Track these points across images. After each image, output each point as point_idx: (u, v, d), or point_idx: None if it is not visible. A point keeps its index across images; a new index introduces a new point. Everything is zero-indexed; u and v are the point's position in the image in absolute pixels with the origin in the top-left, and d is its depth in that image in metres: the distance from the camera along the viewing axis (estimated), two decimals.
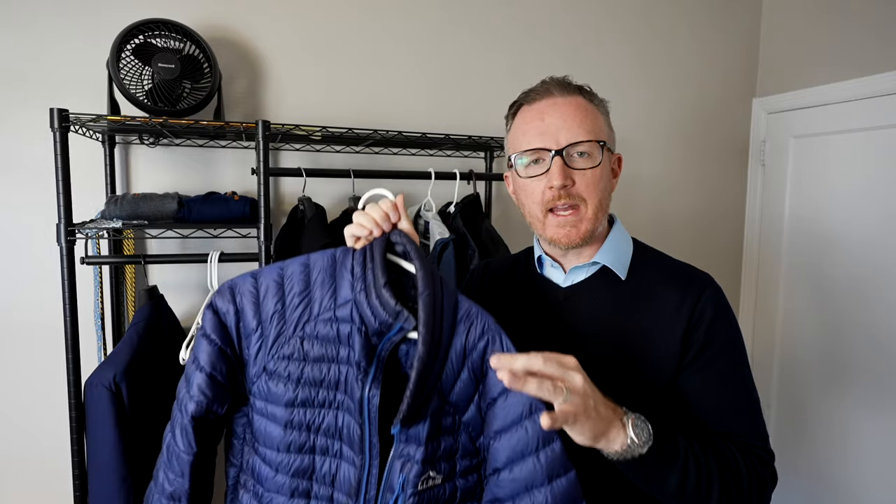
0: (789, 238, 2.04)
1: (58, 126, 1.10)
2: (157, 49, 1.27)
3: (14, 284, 1.40)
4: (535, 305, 0.92)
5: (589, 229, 0.84)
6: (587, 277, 0.89)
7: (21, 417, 1.43)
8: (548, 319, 0.89)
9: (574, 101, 0.85)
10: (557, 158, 0.82)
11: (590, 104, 0.86)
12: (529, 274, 0.95)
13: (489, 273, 1.04)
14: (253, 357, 0.78)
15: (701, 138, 2.10)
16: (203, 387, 0.76)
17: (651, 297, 0.85)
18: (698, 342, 0.82)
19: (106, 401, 1.07)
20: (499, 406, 0.74)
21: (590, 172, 0.83)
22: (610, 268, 0.87)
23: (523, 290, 0.95)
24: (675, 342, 0.82)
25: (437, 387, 0.74)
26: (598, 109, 0.87)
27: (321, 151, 1.62)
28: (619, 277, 0.87)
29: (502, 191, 1.81)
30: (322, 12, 1.58)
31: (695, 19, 2.03)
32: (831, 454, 1.89)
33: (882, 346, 1.73)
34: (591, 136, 0.83)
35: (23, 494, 1.44)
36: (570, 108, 0.84)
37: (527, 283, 0.95)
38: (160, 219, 1.28)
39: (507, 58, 1.79)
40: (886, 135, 1.71)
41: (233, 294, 0.79)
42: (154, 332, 1.24)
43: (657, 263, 0.90)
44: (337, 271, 0.80)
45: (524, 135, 0.86)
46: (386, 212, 0.80)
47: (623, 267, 0.88)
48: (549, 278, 0.92)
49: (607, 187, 0.87)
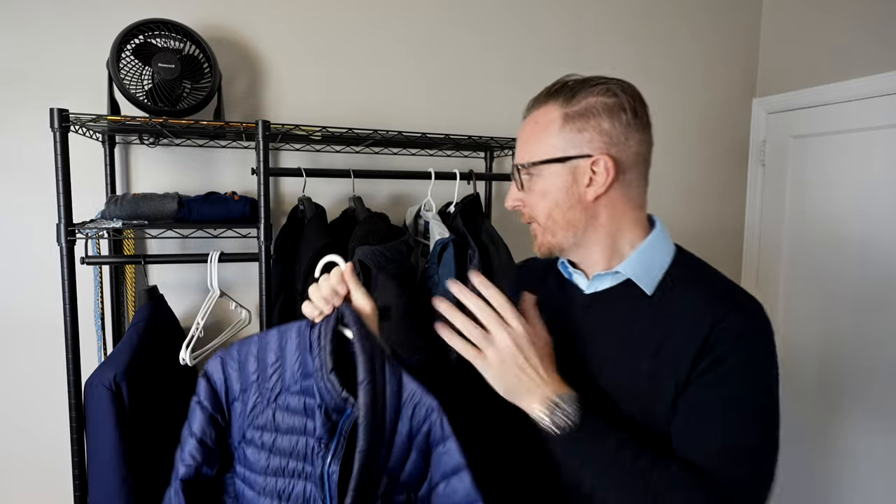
0: (789, 238, 2.04)
1: (58, 126, 1.10)
2: (157, 49, 1.27)
3: (14, 284, 1.40)
4: (559, 308, 0.89)
5: (545, 243, 0.84)
6: (611, 287, 0.84)
7: (21, 417, 1.43)
8: (569, 324, 0.86)
9: (531, 118, 0.85)
10: (515, 179, 0.85)
11: (550, 113, 0.81)
12: (559, 275, 0.93)
13: (526, 269, 1.04)
14: (236, 424, 0.83)
15: (701, 138, 2.10)
16: (193, 452, 0.81)
17: (675, 315, 0.77)
18: (704, 365, 0.74)
19: (106, 400, 1.07)
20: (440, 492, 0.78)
21: (531, 195, 0.84)
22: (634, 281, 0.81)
23: (551, 291, 0.92)
24: (685, 365, 0.74)
25: (386, 468, 0.76)
26: (559, 116, 0.80)
27: (321, 151, 1.62)
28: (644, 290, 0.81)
29: (502, 191, 1.82)
30: (322, 12, 1.58)
31: (695, 20, 2.03)
32: (831, 455, 1.88)
33: (883, 347, 1.73)
34: (527, 158, 0.83)
35: (23, 494, 1.44)
36: (529, 125, 0.85)
37: (557, 284, 0.93)
38: (160, 219, 1.28)
39: (507, 58, 1.79)
40: (887, 135, 1.71)
41: (223, 363, 0.84)
42: (154, 332, 1.24)
43: (697, 279, 0.81)
44: (302, 344, 0.83)
45: None
46: (334, 287, 0.81)
47: (651, 280, 0.81)
48: (576, 283, 0.89)
49: (561, 202, 0.81)
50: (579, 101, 0.80)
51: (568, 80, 0.84)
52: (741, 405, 0.73)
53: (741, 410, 0.73)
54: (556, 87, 0.83)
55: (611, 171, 0.79)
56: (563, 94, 0.82)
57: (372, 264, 1.27)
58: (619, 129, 0.80)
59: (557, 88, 0.83)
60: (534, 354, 0.75)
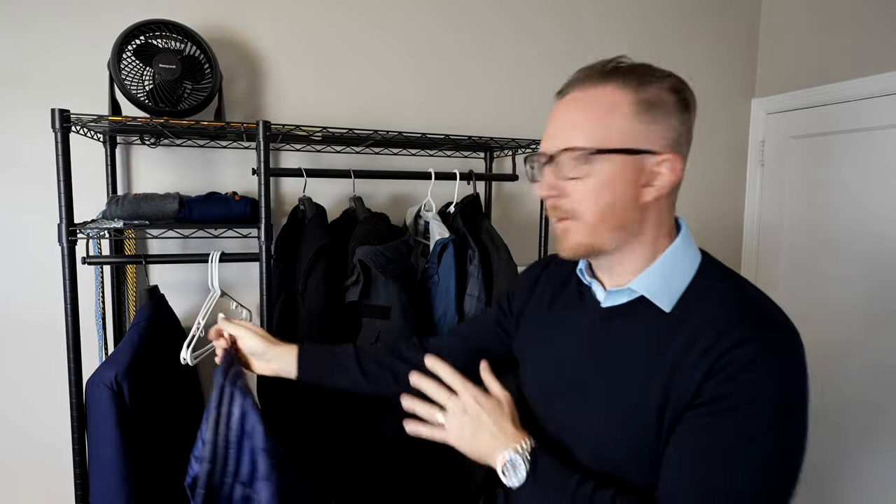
0: (788, 238, 2.04)
1: (59, 126, 1.10)
2: (158, 50, 1.27)
3: (15, 284, 1.40)
4: (576, 318, 0.84)
5: (581, 242, 0.74)
6: (628, 301, 0.76)
7: (22, 417, 1.43)
8: (584, 337, 0.80)
9: (585, 96, 0.73)
10: (547, 166, 0.74)
11: (614, 96, 0.71)
12: (580, 284, 0.85)
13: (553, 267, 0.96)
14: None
15: (700, 138, 2.09)
16: None
17: (692, 336, 0.67)
18: (704, 396, 0.64)
19: (108, 400, 1.08)
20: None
21: (580, 184, 0.72)
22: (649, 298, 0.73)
23: (572, 298, 0.86)
24: (689, 395, 0.66)
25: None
26: (626, 102, 0.71)
27: (322, 152, 1.62)
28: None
29: (502, 191, 1.82)
30: (322, 13, 1.59)
31: (694, 19, 2.03)
32: (830, 455, 1.89)
33: (882, 347, 1.74)
34: (586, 142, 0.70)
35: (23, 494, 1.44)
36: (577, 105, 0.73)
37: (577, 291, 0.86)
38: (161, 219, 1.28)
39: (507, 58, 1.80)
40: (886, 135, 1.71)
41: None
42: (155, 332, 1.24)
43: (722, 294, 0.71)
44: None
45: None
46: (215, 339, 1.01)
47: (671, 296, 0.72)
48: (594, 293, 0.82)
49: (619, 200, 0.72)
50: (652, 89, 0.73)
51: (623, 62, 0.75)
52: (723, 447, 0.63)
53: (723, 453, 0.63)
54: (613, 65, 0.74)
55: (677, 172, 0.73)
56: (629, 78, 0.72)
57: (372, 264, 1.27)
58: (684, 127, 0.75)
59: (617, 68, 0.74)
60: (485, 416, 0.78)
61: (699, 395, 0.65)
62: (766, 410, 0.62)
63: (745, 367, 0.63)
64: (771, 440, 0.62)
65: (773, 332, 0.67)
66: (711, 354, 0.65)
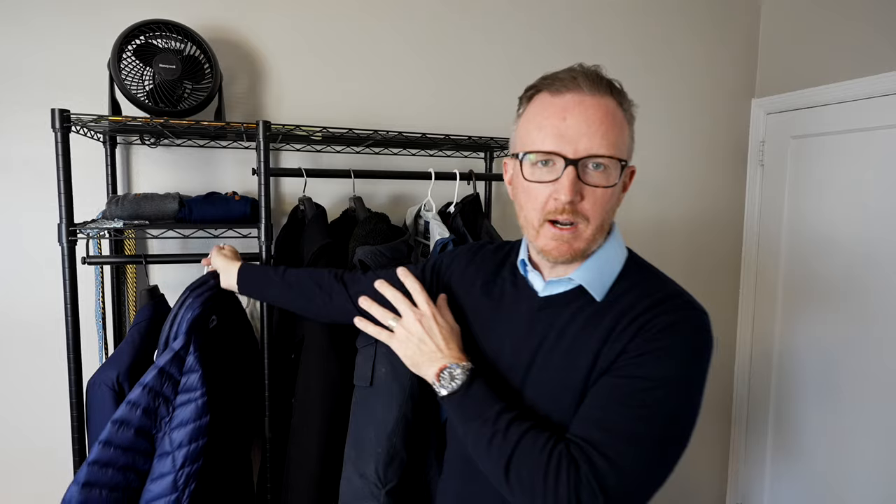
0: (788, 238, 2.04)
1: (59, 126, 1.10)
2: (158, 49, 1.27)
3: (15, 284, 1.40)
4: (513, 307, 0.88)
5: (582, 248, 0.78)
6: (564, 291, 0.83)
7: (22, 417, 1.43)
8: (521, 325, 0.85)
9: (603, 104, 0.76)
10: (571, 169, 0.74)
11: (619, 110, 0.77)
12: (514, 273, 0.91)
13: (484, 252, 0.99)
14: None
15: (700, 138, 2.10)
16: None
17: (618, 320, 0.77)
18: (621, 360, 0.74)
19: (109, 400, 1.08)
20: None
21: (600, 191, 0.75)
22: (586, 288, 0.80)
23: (506, 286, 0.91)
24: (613, 355, 0.75)
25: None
26: (625, 117, 0.78)
27: (322, 152, 1.62)
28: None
29: (502, 191, 1.82)
30: (322, 12, 1.59)
31: (694, 19, 2.03)
32: (830, 456, 1.89)
33: (882, 347, 1.74)
34: (613, 152, 0.75)
35: (23, 494, 1.44)
36: (599, 113, 0.75)
37: (511, 280, 0.91)
38: (161, 219, 1.28)
39: (507, 58, 1.80)
40: (886, 135, 1.71)
41: None
42: (156, 332, 1.24)
43: (645, 285, 0.80)
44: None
45: (540, 130, 0.76)
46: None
47: (602, 287, 0.80)
48: (531, 283, 0.87)
49: (614, 206, 0.80)
50: (629, 105, 0.81)
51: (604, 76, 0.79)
52: (628, 391, 0.71)
53: (625, 395, 0.71)
54: (604, 80, 0.78)
55: (633, 180, 0.85)
56: (614, 93, 0.78)
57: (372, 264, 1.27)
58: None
59: (609, 83, 0.78)
60: (437, 331, 0.85)
61: (622, 355, 0.74)
62: (673, 369, 0.72)
63: (662, 331, 0.73)
64: (673, 396, 0.71)
65: (689, 310, 0.77)
66: (636, 323, 0.75)
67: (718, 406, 2.26)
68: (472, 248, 1.02)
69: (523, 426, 0.74)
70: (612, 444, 0.69)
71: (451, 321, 0.90)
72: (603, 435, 0.70)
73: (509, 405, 0.78)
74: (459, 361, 0.82)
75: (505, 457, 0.73)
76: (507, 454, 0.73)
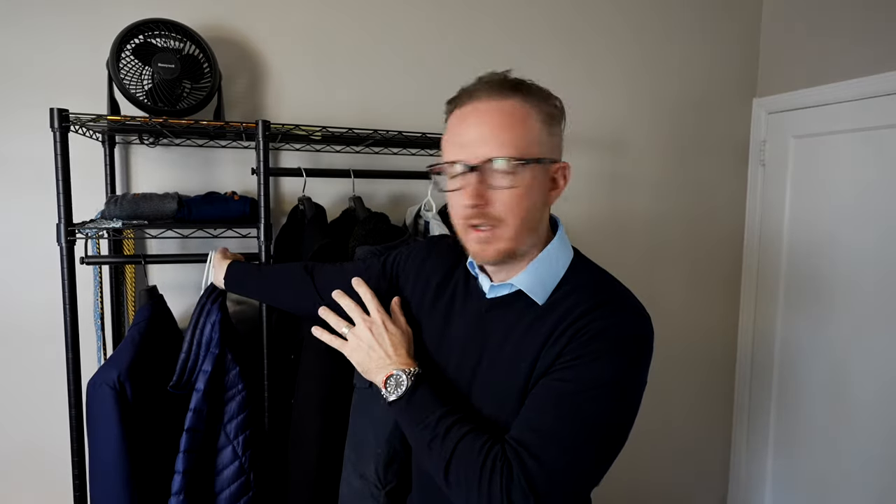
0: (789, 238, 2.04)
1: (58, 126, 1.10)
2: (157, 49, 1.27)
3: (14, 284, 1.40)
4: (463, 307, 0.90)
5: (505, 249, 0.78)
6: (508, 294, 0.84)
7: (21, 418, 1.43)
8: (469, 326, 0.87)
9: (501, 107, 0.77)
10: (471, 175, 0.76)
11: (524, 108, 0.77)
12: (466, 276, 0.92)
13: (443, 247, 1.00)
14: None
15: (701, 138, 2.10)
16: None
17: (560, 318, 0.77)
18: (563, 357, 0.75)
19: (110, 400, 1.07)
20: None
21: (508, 192, 0.76)
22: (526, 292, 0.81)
23: (459, 286, 0.92)
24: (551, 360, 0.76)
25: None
26: (535, 113, 0.78)
27: (321, 151, 1.61)
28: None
29: None
30: (322, 12, 1.58)
31: (695, 19, 2.03)
32: (831, 456, 1.89)
33: (882, 347, 1.73)
34: (513, 152, 0.75)
35: (23, 494, 1.44)
36: (495, 116, 0.77)
37: (464, 280, 0.92)
38: (160, 219, 1.28)
39: (507, 58, 1.79)
40: (887, 135, 1.71)
41: None
42: (155, 331, 1.24)
43: (588, 288, 0.80)
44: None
45: (448, 145, 0.81)
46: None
47: (544, 291, 0.81)
48: (480, 284, 0.88)
49: (535, 205, 0.79)
50: (552, 103, 0.81)
51: (515, 78, 0.82)
52: (561, 394, 0.73)
53: (558, 398, 0.73)
54: (514, 82, 0.81)
55: (568, 178, 0.84)
56: (533, 93, 0.80)
57: None
58: (561, 137, 0.85)
59: (519, 84, 0.80)
60: (386, 339, 0.88)
61: (558, 358, 0.75)
62: (606, 372, 0.73)
63: (595, 336, 0.74)
64: (604, 399, 0.72)
65: (627, 313, 0.77)
66: (573, 328, 0.75)
67: (720, 406, 2.26)
68: (431, 241, 1.04)
69: (463, 429, 0.76)
70: (543, 446, 0.71)
71: (404, 325, 0.93)
72: (535, 437, 0.72)
73: (453, 409, 0.80)
74: (407, 367, 0.85)
75: (445, 459, 0.75)
76: (447, 457, 0.75)
